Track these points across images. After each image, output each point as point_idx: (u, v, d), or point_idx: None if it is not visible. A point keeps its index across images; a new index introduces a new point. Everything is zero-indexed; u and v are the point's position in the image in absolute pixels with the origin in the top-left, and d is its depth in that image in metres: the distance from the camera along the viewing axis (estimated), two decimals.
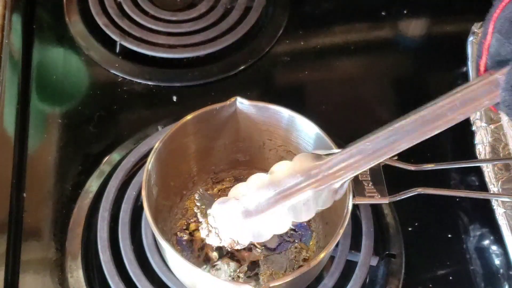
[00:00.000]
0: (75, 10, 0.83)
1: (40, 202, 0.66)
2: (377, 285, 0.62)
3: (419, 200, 0.59)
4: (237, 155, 0.67)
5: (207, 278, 0.52)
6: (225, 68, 0.80)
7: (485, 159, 0.70)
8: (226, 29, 0.82)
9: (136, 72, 0.78)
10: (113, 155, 0.69)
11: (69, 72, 0.78)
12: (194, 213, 0.64)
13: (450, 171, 0.71)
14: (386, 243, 0.64)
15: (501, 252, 0.65)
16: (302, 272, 0.51)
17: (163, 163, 0.60)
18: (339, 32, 0.86)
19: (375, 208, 0.65)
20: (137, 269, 0.58)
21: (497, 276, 0.65)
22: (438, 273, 0.65)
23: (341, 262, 0.59)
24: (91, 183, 0.67)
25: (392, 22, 0.88)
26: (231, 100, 0.60)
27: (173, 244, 0.63)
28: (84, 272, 0.61)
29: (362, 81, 0.81)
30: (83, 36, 0.81)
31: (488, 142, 0.70)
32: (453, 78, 0.81)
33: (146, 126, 0.72)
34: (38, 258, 0.62)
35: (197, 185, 0.67)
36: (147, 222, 0.58)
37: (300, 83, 0.81)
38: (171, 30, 0.81)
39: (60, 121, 0.73)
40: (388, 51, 0.85)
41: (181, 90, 0.77)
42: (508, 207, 0.64)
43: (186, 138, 0.61)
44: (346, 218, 0.53)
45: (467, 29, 0.80)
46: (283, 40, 0.84)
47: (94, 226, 0.62)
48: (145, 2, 0.84)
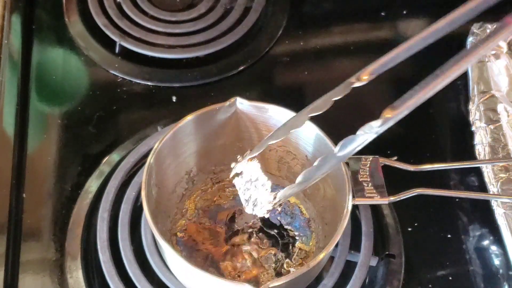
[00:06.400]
0: (74, 11, 0.83)
1: (39, 203, 0.66)
2: (376, 285, 0.62)
3: (419, 200, 0.59)
4: (237, 155, 0.67)
5: (206, 278, 0.52)
6: (224, 68, 0.80)
7: (485, 160, 0.70)
8: (225, 29, 0.82)
9: (136, 72, 0.78)
10: (112, 156, 0.69)
11: (69, 72, 0.78)
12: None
13: (449, 171, 0.71)
14: (386, 244, 0.64)
15: (500, 252, 0.65)
16: (302, 272, 0.52)
17: (163, 163, 0.60)
18: (338, 33, 0.86)
19: (375, 209, 0.65)
20: (137, 269, 0.58)
21: (497, 276, 0.65)
22: (437, 273, 0.65)
23: (340, 263, 0.59)
24: (91, 184, 0.67)
25: (392, 22, 0.88)
26: (231, 100, 0.60)
27: (173, 244, 0.63)
28: (83, 273, 0.61)
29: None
30: (83, 37, 0.81)
31: (488, 142, 0.70)
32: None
33: (145, 126, 0.72)
34: (37, 258, 0.62)
35: (197, 185, 0.67)
36: (146, 223, 0.58)
37: (300, 83, 0.81)
38: (170, 31, 0.81)
39: (59, 121, 0.73)
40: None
41: (180, 90, 0.77)
42: (507, 208, 0.65)
43: (186, 138, 0.61)
44: (345, 219, 0.53)
45: (467, 29, 0.81)
46: (283, 40, 0.84)
47: (94, 227, 0.62)
48: (144, 3, 0.84)
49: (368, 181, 0.58)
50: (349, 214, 0.54)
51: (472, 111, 0.74)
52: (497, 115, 0.72)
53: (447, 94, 0.79)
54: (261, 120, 0.62)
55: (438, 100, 0.79)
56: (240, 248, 0.63)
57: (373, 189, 0.58)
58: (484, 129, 0.71)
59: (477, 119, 0.72)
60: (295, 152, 0.63)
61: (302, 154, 0.63)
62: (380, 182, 0.58)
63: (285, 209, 0.66)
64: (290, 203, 0.66)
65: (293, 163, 0.65)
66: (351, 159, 0.60)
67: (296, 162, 0.64)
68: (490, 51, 0.47)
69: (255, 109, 0.61)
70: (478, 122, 0.72)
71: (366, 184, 0.58)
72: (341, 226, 0.53)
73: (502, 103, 0.73)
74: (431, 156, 0.73)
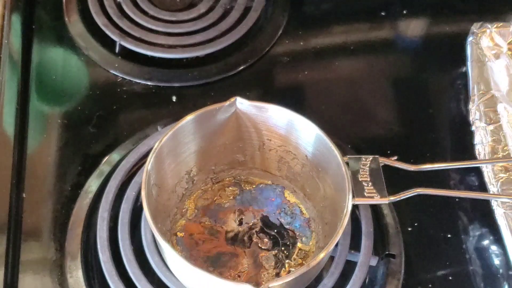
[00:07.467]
0: (74, 10, 0.83)
1: (39, 203, 0.66)
2: (376, 285, 0.62)
3: (419, 200, 0.59)
4: (237, 155, 0.67)
5: (206, 278, 0.52)
6: (224, 68, 0.80)
7: (485, 160, 0.70)
8: (225, 29, 0.82)
9: (136, 72, 0.78)
10: (112, 155, 0.69)
11: (69, 72, 0.78)
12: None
13: (449, 171, 0.71)
14: (386, 243, 0.64)
15: (500, 252, 0.65)
16: (302, 272, 0.52)
17: (163, 163, 0.60)
18: (338, 32, 0.86)
19: (375, 208, 0.65)
20: (137, 269, 0.58)
21: (497, 276, 0.65)
22: (437, 273, 0.65)
23: (340, 262, 0.59)
24: (91, 183, 0.67)
25: (392, 22, 0.88)
26: (231, 100, 0.60)
27: (173, 244, 0.63)
28: (83, 272, 0.61)
29: (361, 81, 0.81)
30: (83, 36, 0.81)
31: (488, 142, 0.70)
32: (453, 78, 0.81)
33: (145, 126, 0.72)
34: (37, 258, 0.62)
35: (197, 185, 0.67)
36: (146, 222, 0.58)
37: (300, 83, 0.81)
38: (170, 30, 0.81)
39: (59, 121, 0.73)
40: (388, 51, 0.85)
41: (180, 90, 0.77)
42: (507, 208, 0.65)
43: (186, 138, 0.61)
44: (345, 218, 0.53)
45: (466, 29, 0.81)
46: (283, 40, 0.84)
47: (94, 226, 0.62)
48: (144, 2, 0.84)
49: (368, 181, 0.58)
50: (349, 214, 0.54)
51: (472, 111, 0.74)
52: (497, 115, 0.72)
53: (447, 94, 0.79)
54: (261, 120, 0.62)
55: (438, 100, 0.79)
56: (240, 248, 0.63)
57: (373, 189, 0.58)
58: (484, 129, 0.71)
59: (477, 119, 0.72)
60: (295, 152, 0.64)
61: (302, 154, 0.63)
62: (380, 182, 0.58)
63: (285, 209, 0.66)
64: (290, 203, 0.67)
65: (293, 163, 0.65)
66: (351, 159, 0.60)
67: (296, 162, 0.64)
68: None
69: (255, 109, 0.61)
70: (478, 122, 0.72)
71: (366, 184, 0.58)
72: (341, 226, 0.53)
73: (502, 103, 0.73)
74: (431, 156, 0.73)
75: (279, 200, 0.67)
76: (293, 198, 0.67)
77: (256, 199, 0.67)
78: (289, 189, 0.67)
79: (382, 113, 0.78)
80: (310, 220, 0.65)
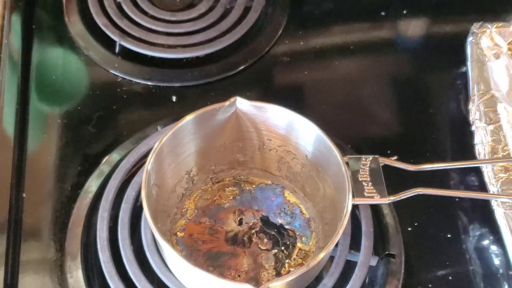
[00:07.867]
0: (74, 10, 0.83)
1: (39, 202, 0.66)
2: (376, 285, 0.62)
3: (419, 200, 0.59)
4: (237, 155, 0.67)
5: (206, 278, 0.52)
6: (224, 68, 0.80)
7: (485, 160, 0.70)
8: (225, 29, 0.82)
9: (136, 72, 0.78)
10: (112, 155, 0.69)
11: (69, 72, 0.78)
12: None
13: (449, 171, 0.71)
14: (386, 243, 0.64)
15: (500, 252, 0.65)
16: (302, 272, 0.51)
17: (163, 163, 0.60)
18: (338, 32, 0.86)
19: (375, 208, 0.65)
20: (137, 269, 0.58)
21: (497, 276, 0.65)
22: (437, 273, 0.65)
23: (340, 262, 0.59)
24: (91, 183, 0.67)
25: (392, 22, 0.88)
26: (231, 100, 0.60)
27: (173, 244, 0.63)
28: (83, 272, 0.61)
29: (361, 81, 0.81)
30: (83, 36, 0.81)
31: (488, 142, 0.70)
32: (453, 78, 0.81)
33: (145, 126, 0.72)
34: (37, 258, 0.62)
35: (197, 185, 0.67)
36: (146, 222, 0.58)
37: (300, 83, 0.81)
38: (170, 30, 0.81)
39: (59, 121, 0.73)
40: (388, 51, 0.85)
41: (180, 90, 0.77)
42: (507, 208, 0.64)
43: (186, 138, 0.61)
44: (345, 218, 0.53)
45: (466, 29, 0.81)
46: (283, 40, 0.84)
47: (94, 226, 0.62)
48: (144, 2, 0.84)
49: (368, 181, 0.58)
50: (349, 213, 0.54)
51: (472, 111, 0.74)
52: (497, 115, 0.72)
53: (447, 94, 0.79)
54: (261, 120, 0.62)
55: (438, 100, 0.79)
56: (240, 248, 0.63)
57: (373, 189, 0.58)
58: (484, 129, 0.71)
59: (477, 119, 0.72)
60: (295, 152, 0.64)
61: (302, 154, 0.63)
62: (380, 181, 0.58)
63: (285, 209, 0.66)
64: (290, 203, 0.67)
65: (293, 163, 0.65)
66: (351, 159, 0.60)
67: (296, 162, 0.64)
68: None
69: (255, 109, 0.61)
70: (478, 122, 0.72)
71: (366, 184, 0.58)
72: (341, 226, 0.53)
73: (502, 103, 0.73)
74: (431, 156, 0.73)
75: (279, 200, 0.67)
76: (293, 198, 0.67)
77: (256, 199, 0.67)
78: (289, 189, 0.67)
79: (382, 113, 0.78)
80: (310, 220, 0.65)
